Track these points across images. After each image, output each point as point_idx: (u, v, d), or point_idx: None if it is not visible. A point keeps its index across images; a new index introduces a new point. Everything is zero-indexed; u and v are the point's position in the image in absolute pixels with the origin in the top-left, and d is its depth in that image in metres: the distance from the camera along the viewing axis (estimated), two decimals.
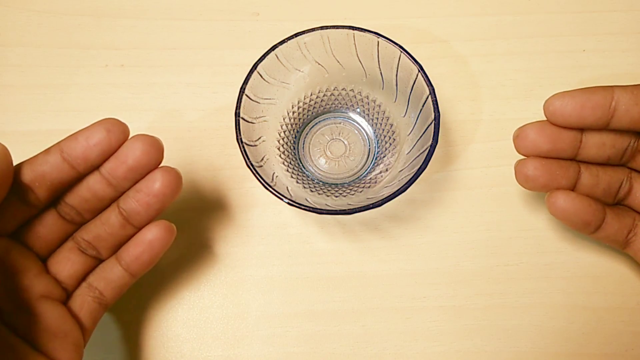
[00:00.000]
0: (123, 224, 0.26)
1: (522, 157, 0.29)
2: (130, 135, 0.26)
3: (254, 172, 0.27)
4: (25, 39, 0.37)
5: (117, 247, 0.27)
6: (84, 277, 0.27)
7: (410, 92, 0.30)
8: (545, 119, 0.28)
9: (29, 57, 0.36)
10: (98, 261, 0.28)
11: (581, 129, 0.28)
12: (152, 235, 0.26)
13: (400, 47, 0.29)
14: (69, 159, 0.25)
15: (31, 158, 0.26)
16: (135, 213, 0.26)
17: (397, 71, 0.30)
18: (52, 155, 0.25)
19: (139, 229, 0.27)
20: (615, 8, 0.37)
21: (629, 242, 0.29)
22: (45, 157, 0.25)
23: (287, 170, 0.32)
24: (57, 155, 0.25)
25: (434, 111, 0.28)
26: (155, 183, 0.26)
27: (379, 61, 0.30)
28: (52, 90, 0.35)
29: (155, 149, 0.26)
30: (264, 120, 0.31)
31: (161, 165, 0.26)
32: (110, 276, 0.27)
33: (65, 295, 0.27)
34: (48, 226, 0.26)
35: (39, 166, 0.25)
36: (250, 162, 0.27)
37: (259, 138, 0.30)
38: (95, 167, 0.26)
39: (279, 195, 0.27)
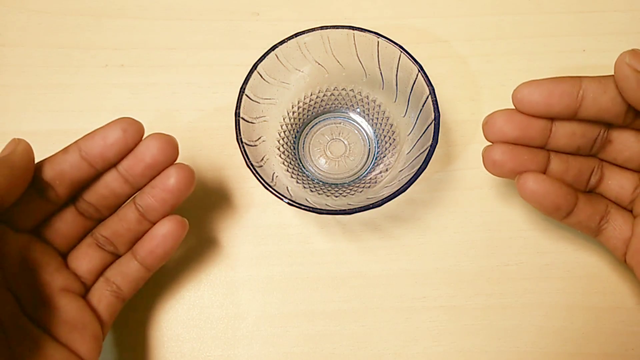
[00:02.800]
0: (139, 220, 0.27)
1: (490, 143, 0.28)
2: (145, 134, 0.27)
3: (254, 172, 0.27)
4: (25, 39, 0.37)
5: (133, 242, 0.28)
6: (102, 272, 0.28)
7: (410, 92, 0.30)
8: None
9: (29, 57, 0.36)
10: (115, 256, 0.28)
11: (550, 118, 0.27)
12: (165, 230, 0.27)
13: (400, 47, 0.29)
14: (87, 158, 0.26)
15: (51, 156, 0.26)
16: (151, 209, 0.27)
17: (397, 71, 0.30)
18: (71, 154, 0.26)
19: (154, 224, 0.28)
20: (615, 8, 0.37)
21: (600, 230, 0.28)
22: (64, 156, 0.26)
23: (287, 170, 0.32)
24: (76, 154, 0.26)
25: (434, 111, 0.28)
26: (170, 179, 0.27)
27: (379, 61, 0.30)
28: (52, 90, 0.35)
29: (171, 146, 0.27)
30: (264, 120, 0.31)
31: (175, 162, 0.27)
32: (127, 270, 0.28)
33: (84, 289, 0.28)
34: (68, 222, 0.27)
35: (58, 164, 0.26)
36: (250, 162, 0.27)
37: (259, 138, 0.30)
38: (113, 165, 0.27)
39: (279, 195, 0.27)
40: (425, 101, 0.28)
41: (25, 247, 0.26)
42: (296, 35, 0.29)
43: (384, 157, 0.32)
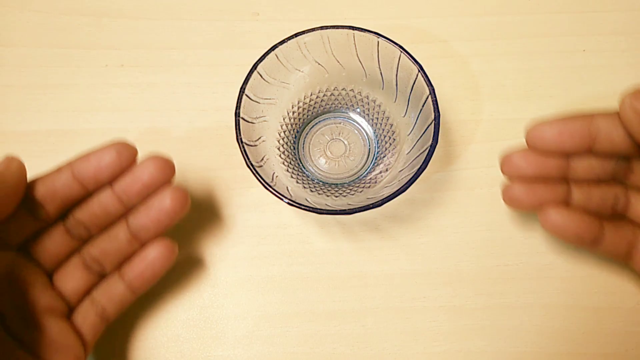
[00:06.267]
0: (130, 240, 0.27)
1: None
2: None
3: (254, 172, 0.27)
4: (25, 39, 0.37)
5: (121, 262, 0.28)
6: (86, 292, 0.28)
7: (410, 92, 0.30)
8: None
9: (29, 57, 0.36)
10: (101, 277, 0.28)
11: (565, 155, 0.28)
12: (156, 253, 0.27)
13: (400, 47, 0.29)
14: (79, 178, 0.26)
15: (43, 176, 0.27)
16: (144, 229, 0.27)
17: (397, 71, 0.30)
18: (64, 173, 0.26)
19: (143, 245, 0.28)
20: (615, 8, 0.37)
21: (630, 256, 0.28)
22: (57, 175, 0.26)
23: (287, 170, 0.32)
24: (69, 174, 0.26)
25: (434, 111, 0.28)
26: (166, 200, 0.27)
27: (379, 61, 0.30)
28: (52, 90, 0.35)
29: (169, 168, 0.27)
30: (264, 120, 0.31)
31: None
32: (114, 291, 0.28)
33: (69, 310, 0.27)
34: (56, 241, 0.27)
35: (50, 183, 0.26)
36: (250, 162, 0.27)
37: (259, 138, 0.30)
38: (104, 185, 0.27)
39: (279, 195, 0.27)
40: (425, 101, 0.28)
41: (11, 265, 0.26)
42: (296, 35, 0.29)
43: (384, 157, 0.32)
